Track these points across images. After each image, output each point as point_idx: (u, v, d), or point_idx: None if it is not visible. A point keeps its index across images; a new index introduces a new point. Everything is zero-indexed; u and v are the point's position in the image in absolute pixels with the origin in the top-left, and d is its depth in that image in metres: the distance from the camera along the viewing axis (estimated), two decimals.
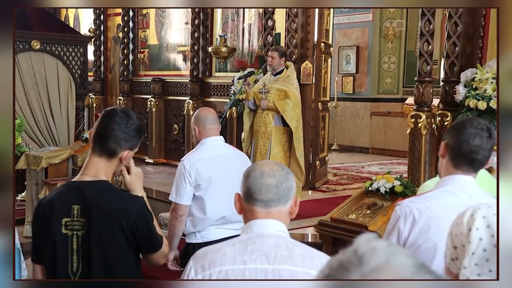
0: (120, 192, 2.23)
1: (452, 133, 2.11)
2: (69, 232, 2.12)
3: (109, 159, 2.17)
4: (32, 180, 6.04)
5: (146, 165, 9.46)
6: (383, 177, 4.41)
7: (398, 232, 2.10)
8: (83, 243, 2.12)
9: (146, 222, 2.20)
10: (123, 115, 2.17)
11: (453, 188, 2.08)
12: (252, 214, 1.79)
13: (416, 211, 2.08)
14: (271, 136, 6.08)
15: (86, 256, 2.13)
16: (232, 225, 3.37)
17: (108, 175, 2.20)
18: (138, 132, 2.19)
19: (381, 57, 12.13)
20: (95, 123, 2.23)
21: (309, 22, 7.27)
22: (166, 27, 9.67)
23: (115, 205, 2.13)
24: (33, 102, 7.17)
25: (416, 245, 2.06)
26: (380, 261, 0.81)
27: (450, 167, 2.11)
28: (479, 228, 1.33)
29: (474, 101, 4.98)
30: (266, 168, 1.80)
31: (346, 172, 9.26)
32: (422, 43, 5.70)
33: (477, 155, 2.05)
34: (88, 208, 2.11)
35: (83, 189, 2.14)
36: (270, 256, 1.70)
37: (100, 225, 2.11)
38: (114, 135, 2.14)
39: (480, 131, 2.04)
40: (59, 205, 2.14)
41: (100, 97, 10.90)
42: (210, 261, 1.73)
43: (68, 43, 7.57)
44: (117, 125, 2.14)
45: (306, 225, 5.61)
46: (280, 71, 6.17)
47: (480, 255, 1.31)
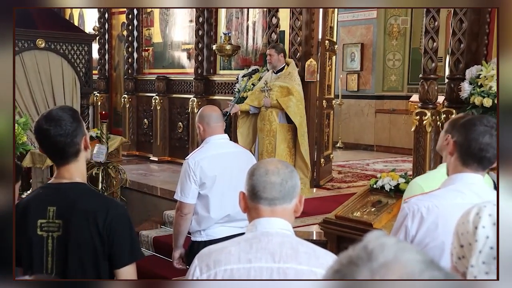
0: (100, 194, 2.23)
1: (462, 130, 2.08)
2: (44, 234, 2.11)
3: (76, 158, 2.14)
4: (38, 178, 6.06)
5: (150, 163, 9.48)
6: (388, 175, 4.41)
7: (405, 230, 2.09)
8: (58, 245, 2.11)
9: (124, 224, 2.14)
10: (51, 123, 2.08)
11: (461, 186, 2.06)
12: (257, 212, 1.79)
13: (424, 209, 2.07)
14: (276, 134, 6.09)
15: (61, 257, 2.11)
16: (237, 223, 3.37)
17: (83, 175, 2.18)
18: (75, 119, 2.13)
19: (386, 54, 12.10)
20: (38, 143, 2.17)
21: (313, 19, 7.25)
22: (170, 25, 9.67)
23: (93, 206, 2.10)
24: (38, 101, 7.19)
25: (424, 243, 2.05)
26: (389, 257, 0.82)
27: (458, 165, 2.09)
28: (485, 226, 1.32)
29: (479, 98, 4.97)
30: (270, 166, 1.79)
31: (351, 169, 9.25)
32: (427, 40, 5.69)
33: (487, 153, 2.03)
34: (65, 209, 2.09)
35: (60, 190, 2.13)
36: (276, 254, 1.70)
37: (76, 226, 2.08)
38: (64, 143, 2.09)
39: (490, 129, 2.02)
40: (35, 206, 2.13)
41: (105, 95, 10.92)
42: (215, 260, 1.73)
43: (73, 42, 7.58)
44: (57, 135, 2.07)
45: (310, 222, 5.61)
46: (281, 69, 6.17)
47: (487, 253, 1.31)
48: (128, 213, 2.22)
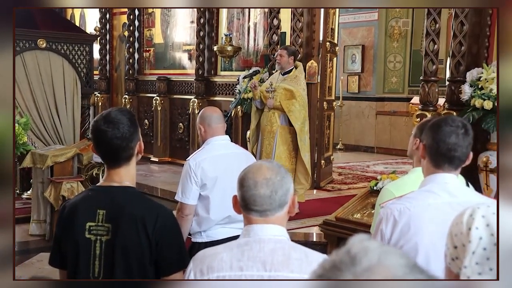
0: (149, 199, 2.20)
1: (429, 133, 2.12)
2: (92, 237, 2.07)
3: (128, 162, 2.12)
4: (38, 178, 6.06)
5: (151, 163, 9.48)
6: (388, 177, 4.41)
7: (381, 234, 2.13)
8: (106, 249, 2.06)
9: (173, 231, 2.12)
10: (110, 124, 2.05)
11: (433, 187, 2.10)
12: (249, 220, 1.80)
13: (396, 212, 2.10)
14: (276, 135, 6.08)
15: (108, 262, 2.06)
16: (238, 224, 3.35)
17: (132, 179, 2.15)
18: (133, 122, 2.10)
19: (387, 56, 12.11)
20: (93, 143, 2.14)
21: (314, 21, 7.26)
22: (172, 26, 9.68)
23: (143, 211, 2.07)
24: (39, 101, 7.19)
25: (399, 245, 2.08)
26: (372, 261, 0.81)
27: (430, 167, 2.13)
28: (478, 227, 1.34)
29: (480, 101, 4.97)
30: (259, 177, 1.75)
31: (351, 171, 9.25)
32: (428, 42, 5.69)
33: (455, 153, 2.06)
34: (115, 213, 2.06)
35: (110, 194, 2.09)
36: (267, 263, 1.70)
37: (125, 231, 2.04)
38: (119, 146, 2.06)
39: (456, 129, 2.06)
40: (84, 208, 2.09)
41: (106, 95, 10.93)
42: (208, 267, 1.74)
43: (74, 42, 7.58)
44: (114, 138, 2.05)
45: (310, 224, 5.61)
46: (289, 71, 6.16)
47: (480, 254, 1.32)
48: (176, 219, 2.19)
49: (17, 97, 6.88)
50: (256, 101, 6.26)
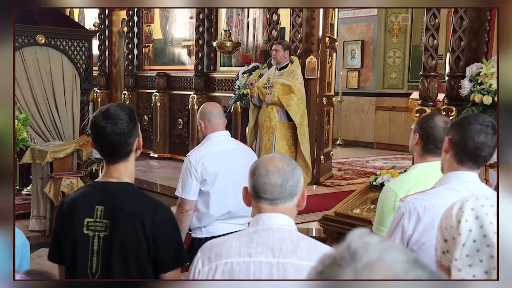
0: (147, 196, 2.19)
1: (457, 129, 2.08)
2: (90, 233, 2.07)
3: (127, 158, 2.12)
4: (38, 174, 6.05)
5: (150, 159, 9.48)
6: (387, 172, 4.41)
7: (402, 230, 2.09)
8: (104, 245, 2.06)
9: (171, 228, 2.12)
10: (108, 120, 2.05)
11: (456, 185, 2.06)
12: (258, 209, 1.81)
13: (421, 208, 2.07)
14: (276, 131, 6.08)
15: (106, 258, 2.06)
16: (238, 220, 3.38)
17: (131, 175, 2.15)
18: (132, 118, 2.09)
19: (386, 51, 12.10)
20: (92, 139, 2.13)
21: (313, 16, 7.25)
22: (171, 21, 9.67)
23: (141, 208, 2.07)
24: (38, 97, 7.18)
25: (420, 242, 2.05)
26: (373, 257, 0.80)
27: (453, 163, 2.09)
28: (468, 219, 1.34)
29: (480, 96, 4.97)
30: (271, 166, 1.77)
31: (351, 167, 9.26)
32: (427, 37, 5.69)
33: (482, 152, 2.03)
34: (113, 209, 2.05)
35: (108, 190, 2.09)
36: (275, 249, 1.71)
37: (123, 227, 2.04)
38: (117, 142, 2.06)
39: (486, 128, 2.02)
40: (82, 204, 2.09)
41: (105, 91, 10.93)
42: (216, 253, 1.76)
43: (73, 38, 7.56)
44: (112, 133, 2.04)
45: (310, 219, 5.62)
46: (285, 66, 6.15)
47: (470, 246, 1.33)
48: (174, 216, 2.18)
49: (16, 93, 6.87)
50: (254, 99, 6.27)
